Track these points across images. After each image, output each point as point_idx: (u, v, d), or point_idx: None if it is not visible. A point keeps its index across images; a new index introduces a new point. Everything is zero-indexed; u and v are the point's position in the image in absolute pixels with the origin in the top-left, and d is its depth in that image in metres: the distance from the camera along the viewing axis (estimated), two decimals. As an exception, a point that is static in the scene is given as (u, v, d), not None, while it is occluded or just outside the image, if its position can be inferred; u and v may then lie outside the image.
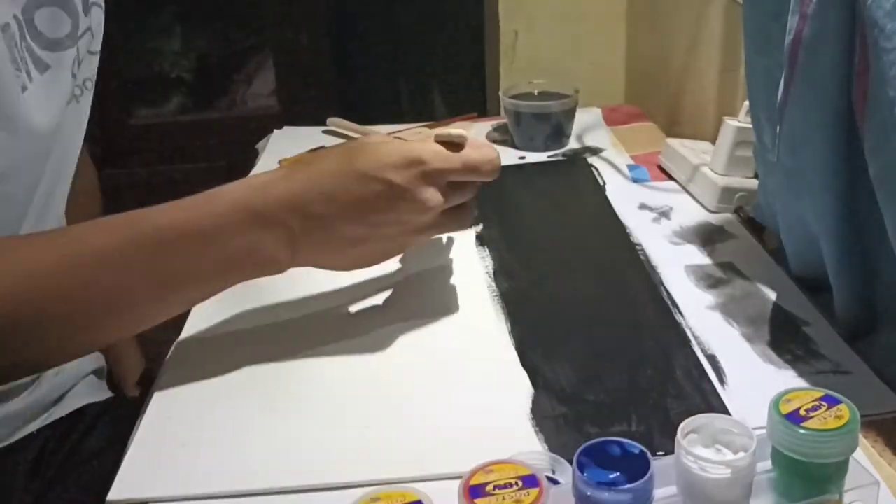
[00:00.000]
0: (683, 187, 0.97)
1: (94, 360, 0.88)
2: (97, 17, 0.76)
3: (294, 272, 0.81)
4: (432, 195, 0.63)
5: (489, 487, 0.44)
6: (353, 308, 0.76)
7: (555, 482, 0.52)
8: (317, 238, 0.63)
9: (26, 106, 0.66)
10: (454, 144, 0.65)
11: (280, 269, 0.65)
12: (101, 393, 0.86)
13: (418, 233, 0.67)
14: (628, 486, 0.44)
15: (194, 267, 0.62)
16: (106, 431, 0.81)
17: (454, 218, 0.69)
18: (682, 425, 0.47)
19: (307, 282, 0.80)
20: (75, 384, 0.83)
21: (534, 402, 0.63)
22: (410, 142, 0.65)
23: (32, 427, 0.77)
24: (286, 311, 0.76)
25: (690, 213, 0.92)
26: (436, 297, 0.78)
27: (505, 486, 0.44)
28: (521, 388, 0.64)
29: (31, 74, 0.68)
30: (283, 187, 0.62)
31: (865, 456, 0.56)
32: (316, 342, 0.71)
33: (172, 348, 0.72)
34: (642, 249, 0.84)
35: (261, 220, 0.61)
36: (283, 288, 0.79)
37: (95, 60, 0.78)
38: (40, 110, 0.69)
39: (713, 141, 0.95)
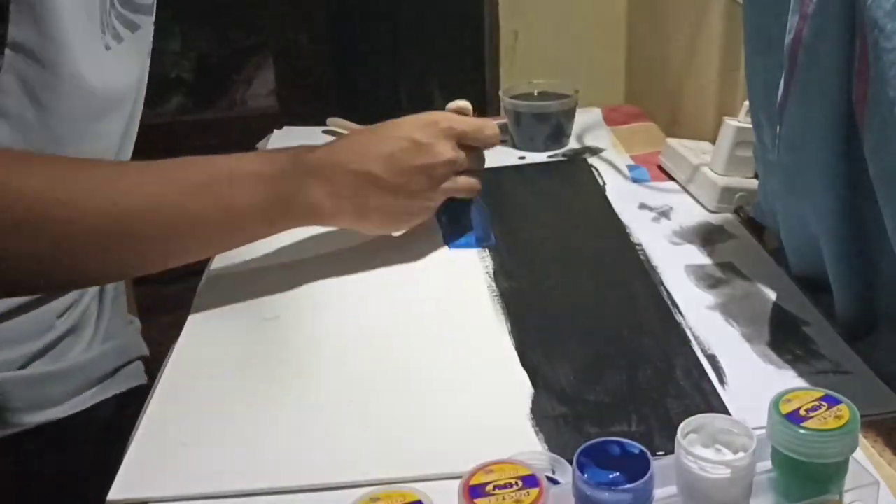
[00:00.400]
0: (683, 187, 0.97)
1: (139, 347, 0.90)
2: None
3: (292, 271, 0.82)
4: (447, 148, 0.77)
5: (489, 487, 0.44)
6: (353, 308, 0.76)
7: (555, 482, 0.52)
8: (357, 191, 0.74)
9: (107, 65, 0.74)
10: (462, 113, 0.82)
11: (320, 219, 0.77)
12: (141, 379, 0.90)
13: (437, 185, 0.78)
14: (628, 486, 0.44)
15: (258, 201, 0.71)
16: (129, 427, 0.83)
17: (469, 181, 0.82)
18: (682, 425, 0.48)
19: (308, 282, 0.80)
20: (123, 365, 0.84)
21: (534, 402, 0.63)
22: (427, 112, 0.80)
23: (80, 404, 0.79)
24: (286, 312, 0.76)
25: (690, 213, 0.92)
26: (436, 298, 0.78)
27: (505, 486, 0.44)
28: (521, 388, 0.64)
29: (122, 34, 0.76)
30: (326, 149, 0.75)
31: (865, 456, 0.56)
32: (316, 342, 0.72)
33: (174, 348, 0.72)
34: (642, 249, 0.84)
35: (308, 172, 0.73)
36: (284, 289, 0.79)
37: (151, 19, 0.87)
38: (125, 69, 0.78)
39: (713, 141, 0.95)
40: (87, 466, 0.77)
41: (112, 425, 0.81)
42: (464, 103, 0.84)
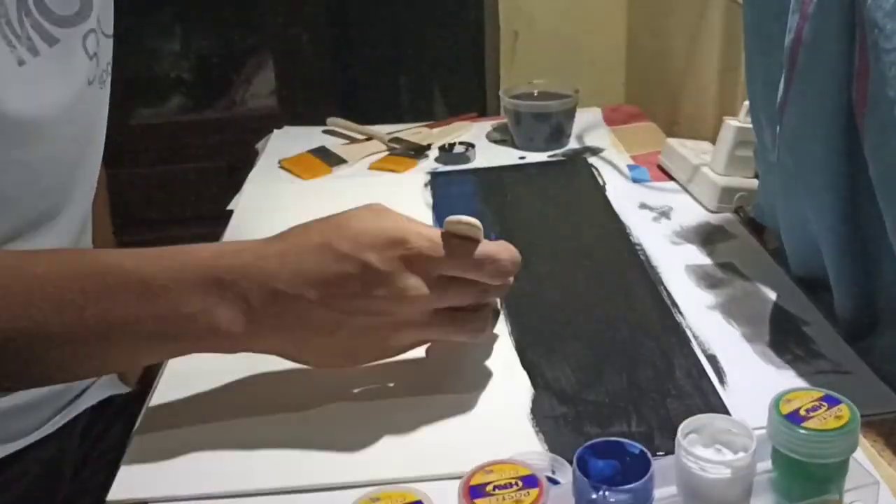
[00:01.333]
0: (683, 187, 0.97)
1: None
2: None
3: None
4: (414, 284, 0.56)
5: (489, 487, 0.44)
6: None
7: (555, 482, 0.52)
8: (278, 318, 0.56)
9: (23, 80, 0.64)
10: (465, 237, 0.57)
11: (233, 346, 0.58)
12: (119, 388, 0.87)
13: (404, 330, 0.59)
14: (628, 486, 0.44)
15: (139, 319, 0.55)
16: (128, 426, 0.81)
17: (456, 322, 0.60)
18: (682, 425, 0.48)
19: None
20: (95, 380, 0.83)
21: (534, 402, 0.63)
22: (403, 221, 0.58)
23: (51, 427, 0.77)
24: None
25: (690, 213, 0.92)
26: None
27: (505, 486, 0.44)
28: (521, 388, 0.64)
29: (39, 48, 0.65)
30: (250, 257, 0.57)
31: (865, 456, 0.56)
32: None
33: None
34: (642, 249, 0.84)
35: (217, 285, 0.56)
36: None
37: (110, 44, 0.78)
38: (46, 89, 0.66)
39: (713, 141, 0.95)
40: (65, 480, 0.77)
41: (85, 434, 0.80)
42: (468, 220, 0.57)
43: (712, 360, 0.67)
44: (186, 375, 0.68)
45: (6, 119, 0.62)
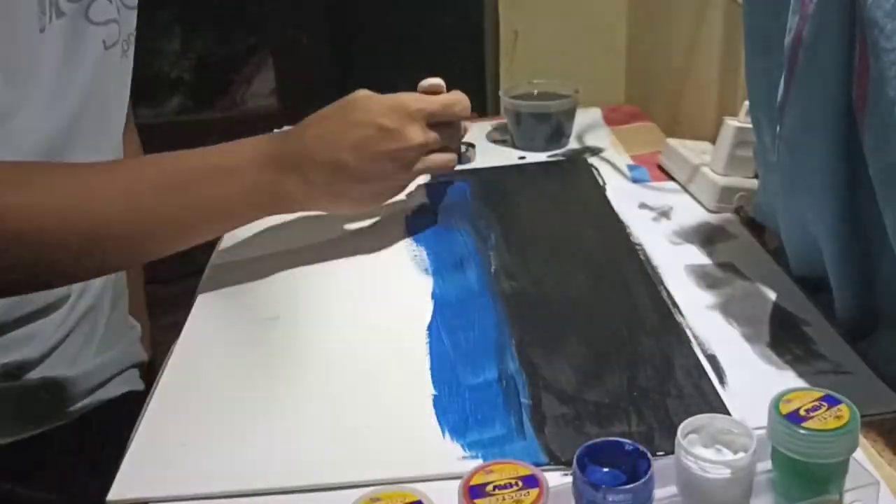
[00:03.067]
0: (683, 187, 0.97)
1: (137, 354, 0.89)
2: None
3: (293, 271, 0.82)
4: (416, 132, 0.77)
5: (489, 487, 0.44)
6: (354, 308, 0.76)
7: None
8: (327, 180, 0.75)
9: (43, 46, 0.71)
10: (433, 93, 0.82)
11: (295, 206, 0.78)
12: (137, 385, 0.90)
13: (409, 168, 0.79)
14: (628, 486, 0.44)
15: (225, 197, 0.73)
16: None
17: (440, 158, 0.82)
18: (682, 425, 0.48)
19: (308, 283, 0.80)
20: (118, 373, 0.84)
21: (533, 402, 0.63)
22: (392, 95, 0.79)
23: (74, 414, 0.78)
24: (286, 312, 0.76)
25: (690, 213, 0.92)
26: (436, 298, 0.78)
27: (505, 486, 0.44)
28: (520, 388, 0.64)
29: (52, 17, 0.73)
30: (295, 140, 0.76)
31: (865, 456, 0.56)
32: (316, 342, 0.72)
33: (173, 349, 0.72)
34: (642, 249, 0.84)
35: (280, 165, 0.74)
36: (283, 289, 0.80)
37: (133, 15, 0.85)
38: (57, 55, 0.74)
39: (713, 141, 0.95)
40: (80, 472, 0.77)
41: (103, 429, 0.81)
42: (435, 81, 0.83)
43: (712, 360, 0.67)
44: (187, 376, 0.68)
45: (29, 79, 0.71)
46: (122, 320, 0.90)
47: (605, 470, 0.46)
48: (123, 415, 0.80)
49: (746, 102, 0.84)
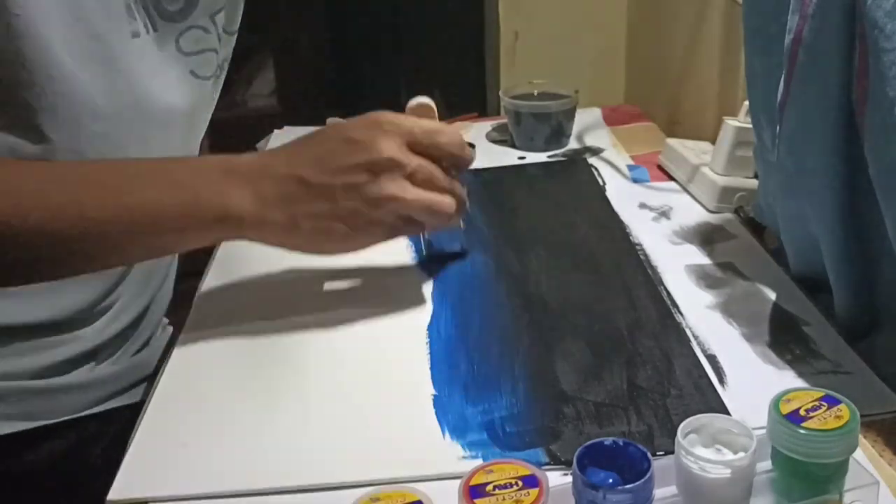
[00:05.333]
0: (683, 187, 0.97)
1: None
2: None
3: (293, 271, 0.82)
4: (388, 144, 0.66)
5: (489, 487, 0.44)
6: (354, 308, 0.76)
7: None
8: (282, 197, 0.66)
9: (134, 52, 0.71)
10: (422, 115, 0.72)
11: (246, 228, 0.67)
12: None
13: (384, 190, 0.66)
14: (628, 486, 0.44)
15: (165, 207, 0.65)
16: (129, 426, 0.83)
17: (429, 195, 0.68)
18: (682, 425, 0.48)
19: (308, 283, 0.80)
20: (145, 377, 0.84)
21: (533, 402, 0.63)
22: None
23: (96, 409, 0.78)
24: (285, 313, 0.76)
25: (690, 213, 0.92)
26: (435, 298, 0.78)
27: (505, 486, 0.44)
28: (520, 388, 0.64)
29: (148, 26, 0.73)
30: (256, 156, 0.71)
31: (865, 456, 0.56)
32: (316, 343, 0.72)
33: (173, 348, 0.72)
34: (642, 249, 0.84)
35: (229, 176, 0.66)
36: (284, 289, 0.80)
37: (232, 41, 0.84)
38: (149, 65, 0.73)
39: (713, 141, 0.95)
40: (92, 468, 0.77)
41: (124, 430, 0.81)
42: (424, 101, 0.74)
43: (712, 360, 0.67)
44: (187, 376, 0.68)
45: (121, 75, 0.70)
46: (159, 322, 0.90)
47: (605, 470, 0.46)
48: (123, 415, 0.81)
49: (746, 102, 0.84)
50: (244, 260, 0.85)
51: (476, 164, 1.06)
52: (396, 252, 0.85)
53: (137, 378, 0.82)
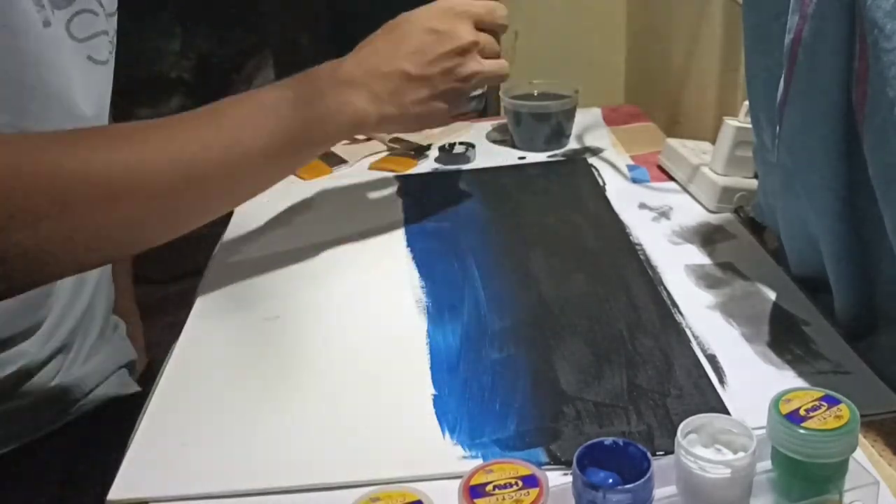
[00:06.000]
0: (683, 187, 0.97)
1: (125, 353, 0.89)
2: None
3: (294, 271, 0.82)
4: (467, 30, 0.80)
5: (489, 487, 0.44)
6: (353, 308, 0.76)
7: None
8: (395, 91, 0.77)
9: (47, 43, 0.70)
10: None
11: (368, 126, 0.78)
12: (130, 387, 0.88)
13: (467, 68, 0.80)
14: (628, 486, 0.44)
15: (305, 122, 0.73)
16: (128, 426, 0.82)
17: (495, 63, 0.83)
18: (682, 425, 0.48)
19: (308, 283, 0.80)
20: (107, 377, 0.83)
21: (533, 402, 0.63)
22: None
23: (59, 421, 0.77)
24: (286, 312, 0.76)
25: (690, 213, 0.92)
26: (436, 299, 0.78)
27: (505, 486, 0.44)
28: (520, 388, 0.64)
29: (54, 13, 0.71)
30: (352, 61, 0.78)
31: (865, 456, 0.56)
32: (316, 342, 0.72)
33: (173, 348, 0.72)
34: (642, 249, 0.84)
35: (346, 84, 0.76)
36: (283, 289, 0.80)
37: (115, 19, 0.82)
38: (62, 54, 0.72)
39: (713, 141, 0.95)
40: (77, 473, 0.77)
41: (91, 433, 0.81)
42: None
43: (712, 360, 0.67)
44: (187, 376, 0.68)
45: (40, 78, 0.69)
46: (109, 325, 0.89)
47: (605, 470, 0.46)
48: (123, 415, 0.81)
49: (746, 102, 0.84)
50: (244, 259, 0.85)
51: (476, 164, 1.07)
52: (396, 252, 0.85)
53: (96, 384, 0.82)
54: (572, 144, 1.12)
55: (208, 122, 0.70)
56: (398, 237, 0.87)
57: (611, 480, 0.45)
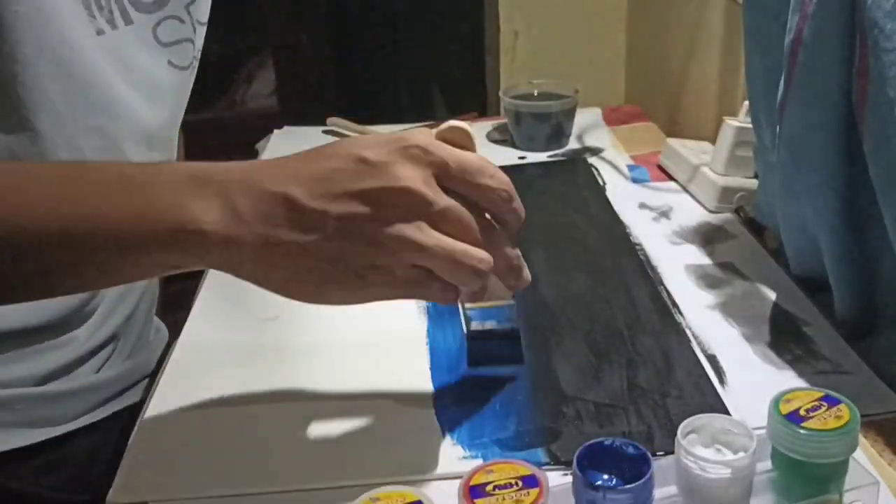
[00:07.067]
0: (683, 187, 0.97)
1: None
2: None
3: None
4: (410, 173, 0.50)
5: (489, 487, 0.44)
6: (353, 308, 0.76)
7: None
8: (260, 218, 0.50)
9: (97, 50, 0.68)
10: (453, 144, 0.54)
11: (208, 253, 0.51)
12: None
13: (397, 231, 0.50)
14: (628, 486, 0.44)
15: (114, 215, 0.51)
16: None
17: (458, 257, 0.51)
18: (682, 425, 0.48)
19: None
20: (144, 377, 0.83)
21: (534, 402, 0.63)
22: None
23: (98, 415, 0.77)
24: (286, 312, 0.76)
25: (690, 213, 0.92)
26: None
27: (505, 486, 0.44)
28: (520, 388, 0.64)
29: (117, 23, 0.70)
30: (236, 165, 0.53)
31: (865, 456, 0.56)
32: (316, 342, 0.72)
33: (173, 349, 0.72)
34: (642, 249, 0.84)
35: (196, 181, 0.51)
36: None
37: (204, 31, 0.81)
38: (125, 59, 0.71)
39: (713, 141, 0.95)
40: (102, 470, 0.77)
41: (126, 430, 0.81)
42: (458, 124, 0.56)
43: (712, 360, 0.67)
44: (187, 377, 0.68)
45: (85, 82, 0.65)
46: (152, 324, 0.89)
47: (605, 470, 0.46)
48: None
49: (746, 102, 0.84)
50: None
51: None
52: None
53: (135, 380, 0.82)
54: (572, 144, 1.12)
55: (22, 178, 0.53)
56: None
57: (611, 480, 0.45)
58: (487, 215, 0.54)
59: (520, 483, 0.44)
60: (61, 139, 0.66)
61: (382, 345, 0.71)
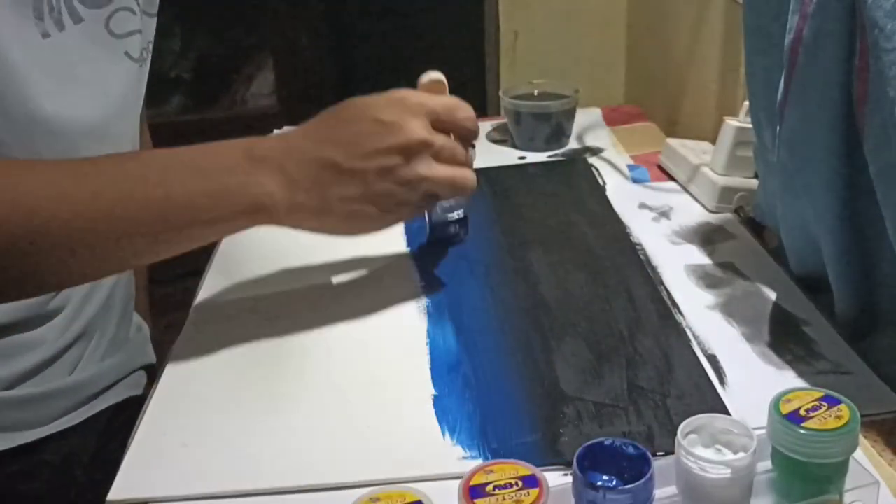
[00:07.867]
0: (683, 187, 0.97)
1: (146, 356, 0.89)
2: None
3: (293, 271, 0.82)
4: (418, 126, 0.66)
5: (489, 487, 0.44)
6: (353, 308, 0.76)
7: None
8: (316, 181, 0.65)
9: (46, 53, 0.68)
10: (435, 91, 0.73)
11: (277, 216, 0.65)
12: (141, 388, 0.87)
13: (414, 172, 0.66)
14: (628, 486, 0.44)
15: (194, 199, 0.63)
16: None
17: (452, 171, 0.69)
18: (682, 425, 0.48)
19: (308, 283, 0.80)
20: (125, 376, 0.83)
21: (534, 402, 0.63)
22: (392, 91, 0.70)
23: (74, 414, 0.77)
24: (285, 313, 0.76)
25: (690, 213, 0.92)
26: (436, 298, 0.78)
27: (505, 486, 0.44)
28: (520, 388, 0.64)
29: (65, 23, 0.70)
30: (278, 139, 0.67)
31: (865, 456, 0.56)
32: (316, 342, 0.72)
33: (173, 348, 0.72)
34: (642, 249, 0.84)
35: (257, 160, 0.64)
36: (283, 289, 0.80)
37: (154, 23, 0.82)
38: (73, 60, 0.71)
39: (713, 141, 0.95)
40: (80, 475, 0.77)
41: (104, 432, 0.80)
42: (436, 76, 0.74)
43: (712, 360, 0.67)
44: (187, 376, 0.68)
45: (29, 90, 0.66)
46: (130, 322, 0.89)
47: (605, 470, 0.46)
48: (134, 417, 0.81)
49: (746, 102, 0.84)
50: (243, 260, 0.85)
51: (476, 164, 1.07)
52: (396, 253, 0.85)
53: (112, 381, 0.82)
54: (572, 144, 1.12)
55: (73, 174, 0.62)
56: (398, 238, 0.87)
57: (611, 480, 0.45)
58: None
59: (520, 483, 0.44)
60: (10, 137, 0.67)
61: (383, 345, 0.71)
